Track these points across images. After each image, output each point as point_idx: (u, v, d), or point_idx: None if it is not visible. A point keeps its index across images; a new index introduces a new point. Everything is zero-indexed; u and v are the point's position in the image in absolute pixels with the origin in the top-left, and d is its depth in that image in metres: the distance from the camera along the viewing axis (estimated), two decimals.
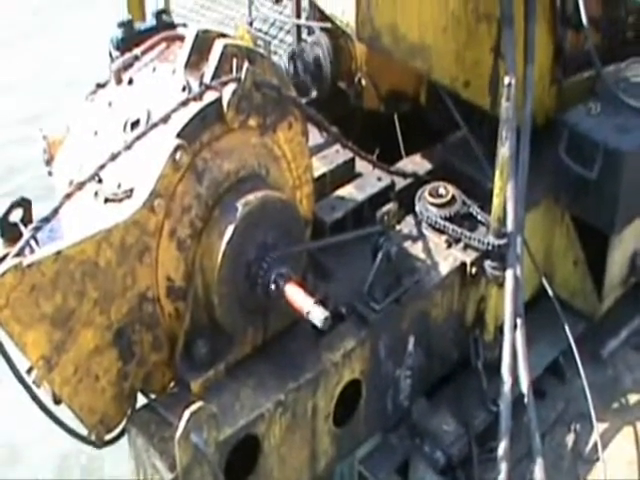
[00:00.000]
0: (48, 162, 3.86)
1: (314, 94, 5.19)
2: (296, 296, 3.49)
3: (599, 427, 4.52)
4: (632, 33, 5.46)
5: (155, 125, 3.38)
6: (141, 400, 3.62)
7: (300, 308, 3.47)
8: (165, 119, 3.38)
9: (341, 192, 4.57)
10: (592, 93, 4.89)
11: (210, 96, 3.44)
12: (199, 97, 3.43)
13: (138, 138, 3.38)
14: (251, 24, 5.70)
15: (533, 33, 4.48)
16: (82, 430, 3.45)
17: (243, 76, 3.43)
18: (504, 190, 4.17)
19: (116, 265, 3.26)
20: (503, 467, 3.98)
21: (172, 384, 3.66)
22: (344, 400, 3.99)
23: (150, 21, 4.31)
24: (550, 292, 4.61)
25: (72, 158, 3.70)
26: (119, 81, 3.78)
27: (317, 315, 3.42)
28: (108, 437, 3.55)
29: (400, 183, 4.73)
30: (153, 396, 3.64)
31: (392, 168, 4.74)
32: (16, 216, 3.55)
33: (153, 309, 3.45)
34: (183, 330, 3.53)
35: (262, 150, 3.66)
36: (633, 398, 4.86)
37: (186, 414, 3.14)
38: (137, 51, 3.85)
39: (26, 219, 3.56)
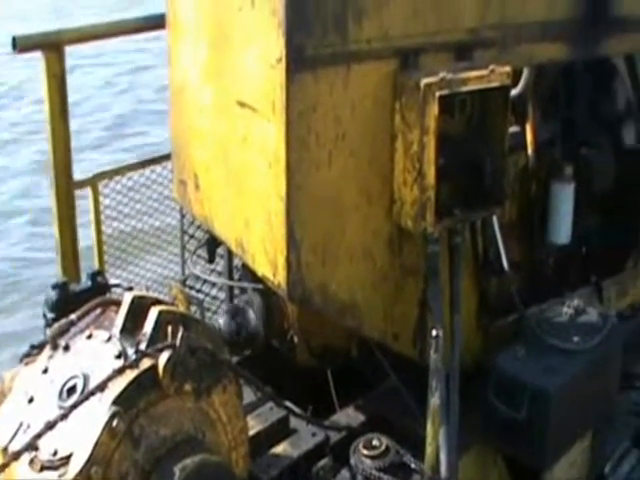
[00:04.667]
0: None
1: (247, 352, 5.30)
2: None
3: None
4: (553, 273, 5.70)
5: (92, 393, 3.44)
6: None
7: None
8: (101, 387, 3.45)
9: (276, 449, 4.61)
10: (517, 335, 5.04)
11: (146, 363, 3.53)
12: (135, 364, 3.51)
13: (74, 407, 3.43)
14: (184, 282, 5.85)
15: (459, 285, 4.62)
16: None
17: (178, 343, 3.54)
18: (436, 438, 4.25)
19: None
20: None
21: None
22: None
23: (85, 282, 4.43)
24: None
25: (7, 426, 3.70)
26: (55, 347, 3.84)
27: None
28: None
29: (335, 437, 4.78)
30: None
31: (326, 422, 4.82)
32: None
33: None
34: None
35: (197, 414, 3.71)
36: None
37: None
38: (73, 316, 3.93)
39: None
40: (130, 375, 3.49)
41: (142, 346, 3.59)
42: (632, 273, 5.83)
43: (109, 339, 3.69)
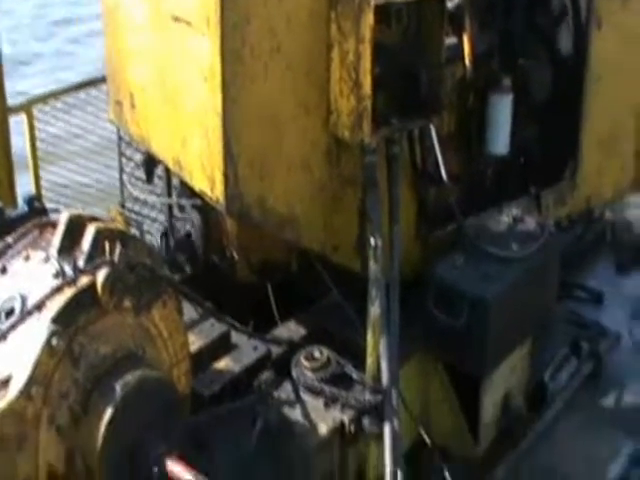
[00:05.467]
0: None
1: (188, 270, 5.30)
2: (178, 472, 3.48)
3: None
4: (491, 183, 5.73)
5: (29, 313, 3.41)
6: None
7: None
8: (39, 306, 3.42)
9: (218, 365, 4.63)
10: (456, 244, 5.10)
11: (84, 280, 3.49)
12: (73, 282, 3.48)
13: (13, 327, 3.40)
14: (123, 205, 5.79)
15: (397, 195, 4.63)
16: None
17: (116, 259, 3.51)
18: (377, 348, 4.29)
19: None
20: None
21: None
22: None
23: (22, 208, 4.36)
24: (428, 441, 4.71)
25: None
26: None
27: None
28: None
29: (277, 350, 4.81)
30: None
31: (267, 336, 4.85)
32: None
33: None
34: None
35: (138, 330, 3.70)
36: None
37: None
38: (9, 239, 3.87)
39: None
40: (68, 293, 3.45)
41: (80, 263, 3.55)
42: (569, 183, 5.88)
43: (47, 259, 3.65)
